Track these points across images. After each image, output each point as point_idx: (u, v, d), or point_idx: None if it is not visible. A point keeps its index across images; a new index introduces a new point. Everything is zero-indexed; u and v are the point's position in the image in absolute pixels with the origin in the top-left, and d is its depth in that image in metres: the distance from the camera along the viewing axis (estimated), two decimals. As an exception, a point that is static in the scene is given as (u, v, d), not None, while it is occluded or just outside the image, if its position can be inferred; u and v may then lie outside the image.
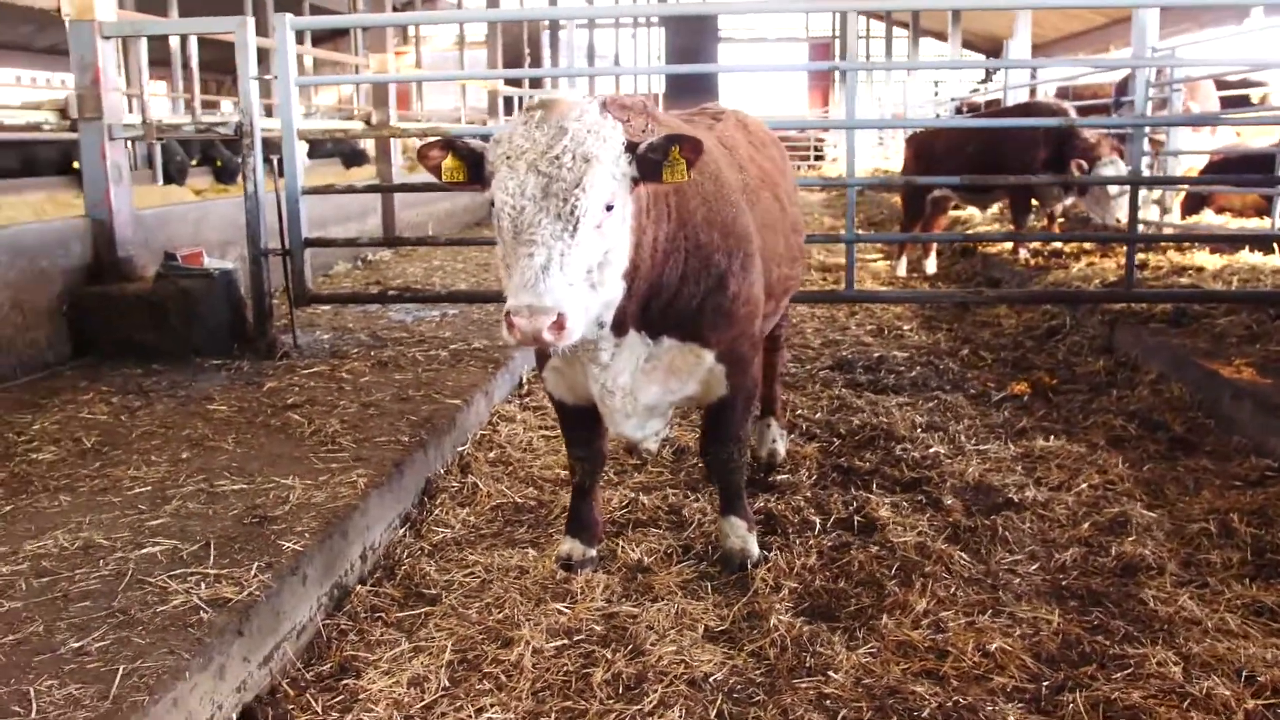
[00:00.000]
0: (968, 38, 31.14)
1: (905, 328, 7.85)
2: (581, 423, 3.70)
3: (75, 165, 9.81)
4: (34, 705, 2.40)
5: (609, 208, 2.86)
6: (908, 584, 3.54)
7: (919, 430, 5.17)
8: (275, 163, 5.82)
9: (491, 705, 2.90)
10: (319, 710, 2.91)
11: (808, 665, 3.08)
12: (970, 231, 11.01)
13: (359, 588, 3.55)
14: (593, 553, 3.77)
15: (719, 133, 3.95)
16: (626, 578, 3.65)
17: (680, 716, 2.82)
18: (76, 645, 2.66)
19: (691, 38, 37.36)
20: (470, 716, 2.86)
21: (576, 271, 2.78)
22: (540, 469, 4.74)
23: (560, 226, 2.75)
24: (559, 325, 2.69)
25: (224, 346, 5.84)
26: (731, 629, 3.32)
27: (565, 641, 3.21)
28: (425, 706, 2.91)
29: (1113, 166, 8.35)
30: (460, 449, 4.86)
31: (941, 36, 32.82)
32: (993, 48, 30.37)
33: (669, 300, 3.27)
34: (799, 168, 30.43)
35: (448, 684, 3.02)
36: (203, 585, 3.00)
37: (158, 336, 5.74)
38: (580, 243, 2.78)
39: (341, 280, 9.24)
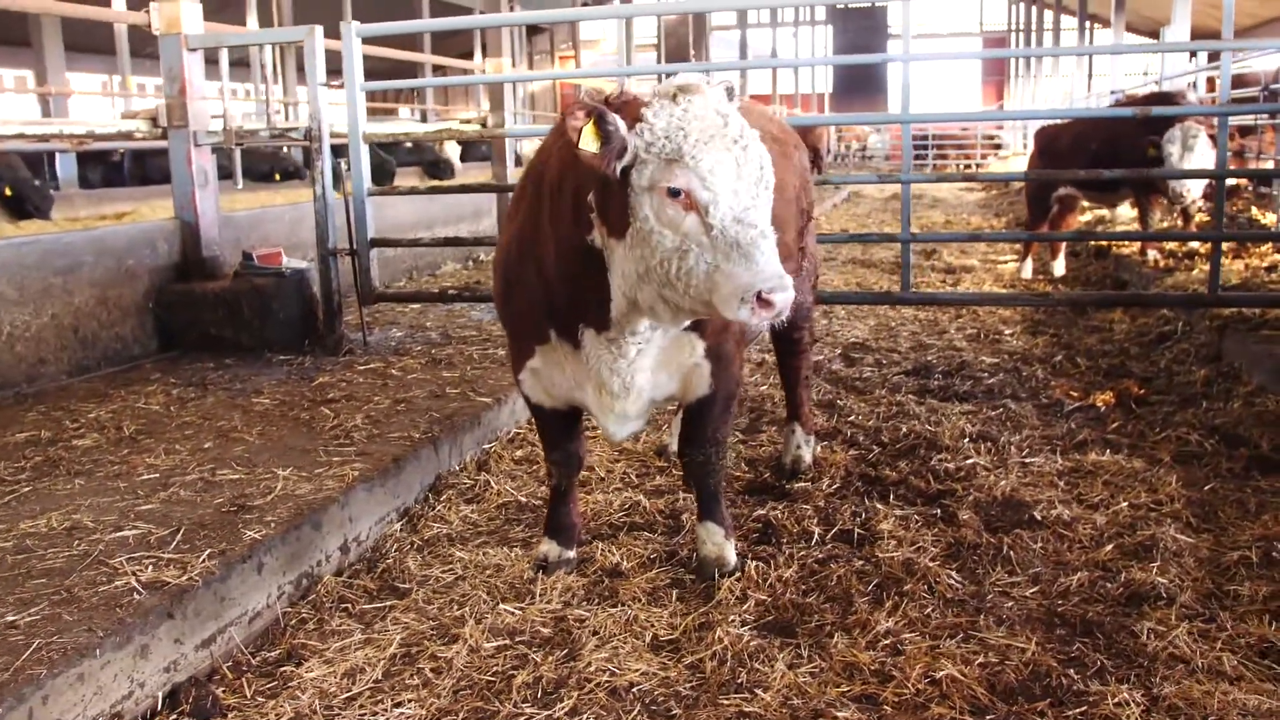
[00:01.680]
0: (1132, 21, 29.07)
1: (1006, 332, 7.42)
2: (559, 426, 3.65)
3: (8, 191, 10.47)
4: (-56, 672, 2.55)
5: None
6: (879, 602, 3.33)
7: (965, 440, 4.87)
8: (343, 165, 6.04)
9: (410, 701, 2.90)
10: (247, 694, 2.98)
11: (740, 681, 2.93)
12: (1085, 230, 10.30)
13: (330, 579, 3.62)
14: (570, 554, 3.72)
15: None
16: (594, 581, 3.59)
17: (585, 725, 2.74)
18: (12, 619, 2.82)
19: (860, 34, 36.62)
20: (386, 710, 2.87)
21: None
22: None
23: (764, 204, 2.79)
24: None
25: (296, 342, 6.10)
26: (680, 639, 3.20)
27: (506, 642, 3.18)
28: (349, 698, 2.94)
29: (1175, 144, 7.68)
30: (487, 446, 4.90)
31: (1131, 30, 30.86)
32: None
33: None
34: (967, 165, 29.28)
35: (380, 677, 3.04)
36: (150, 568, 3.13)
37: (234, 332, 6.05)
38: None
39: (445, 279, 9.52)
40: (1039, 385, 5.91)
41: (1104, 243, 9.59)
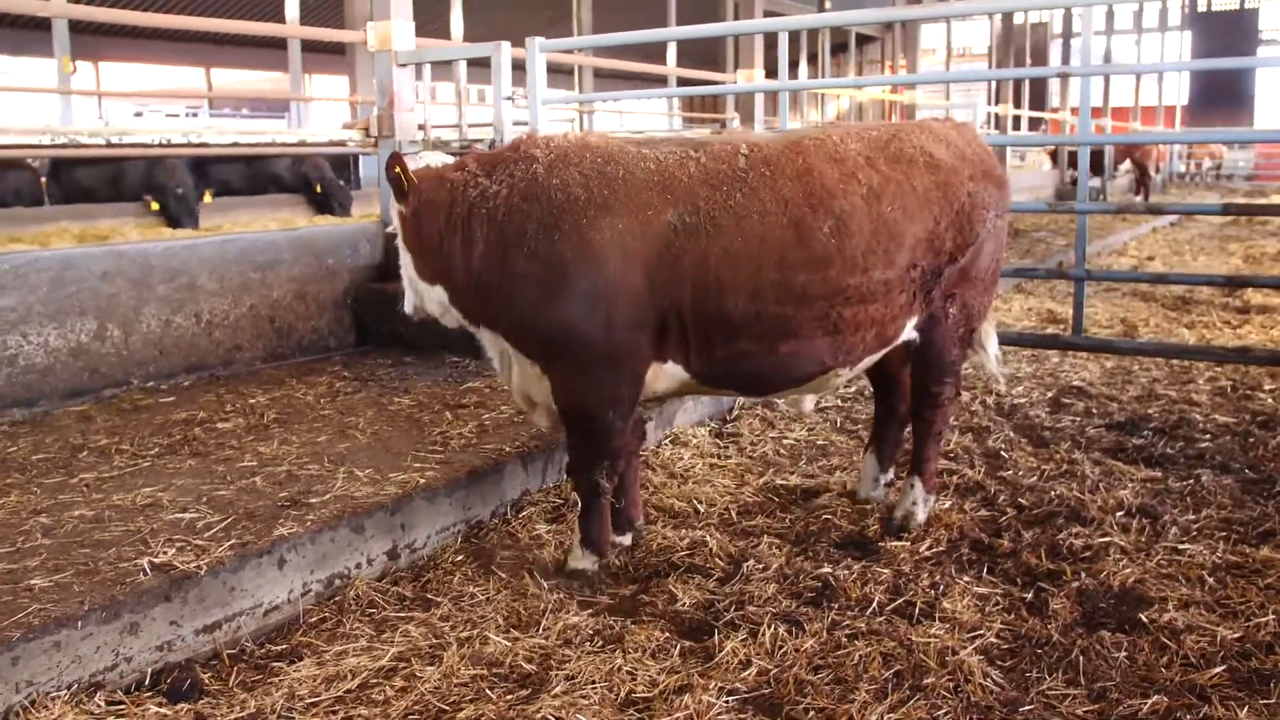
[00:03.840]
0: None
1: (1267, 387, 6.28)
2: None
3: (318, 188, 11.27)
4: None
5: None
6: (885, 694, 2.91)
7: (1118, 514, 4.17)
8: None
9: (358, 717, 2.91)
10: (230, 684, 3.11)
11: (681, 758, 2.67)
12: None
13: (366, 582, 3.70)
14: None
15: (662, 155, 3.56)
16: (606, 623, 3.41)
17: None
18: (34, 582, 3.12)
19: (1223, 41, 32.57)
20: (333, 722, 2.90)
21: None
22: (668, 496, 4.55)
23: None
24: None
25: (472, 345, 6.32)
26: (655, 698, 2.97)
27: (481, 672, 3.11)
28: (312, 703, 2.98)
29: None
30: (595, 466, 4.82)
31: None
32: None
33: None
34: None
35: (355, 687, 3.06)
36: (173, 551, 3.34)
37: (418, 332, 6.36)
38: None
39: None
40: (1266, 456, 4.94)
41: None
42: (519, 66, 6.18)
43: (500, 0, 23.95)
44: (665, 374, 3.64)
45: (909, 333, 3.88)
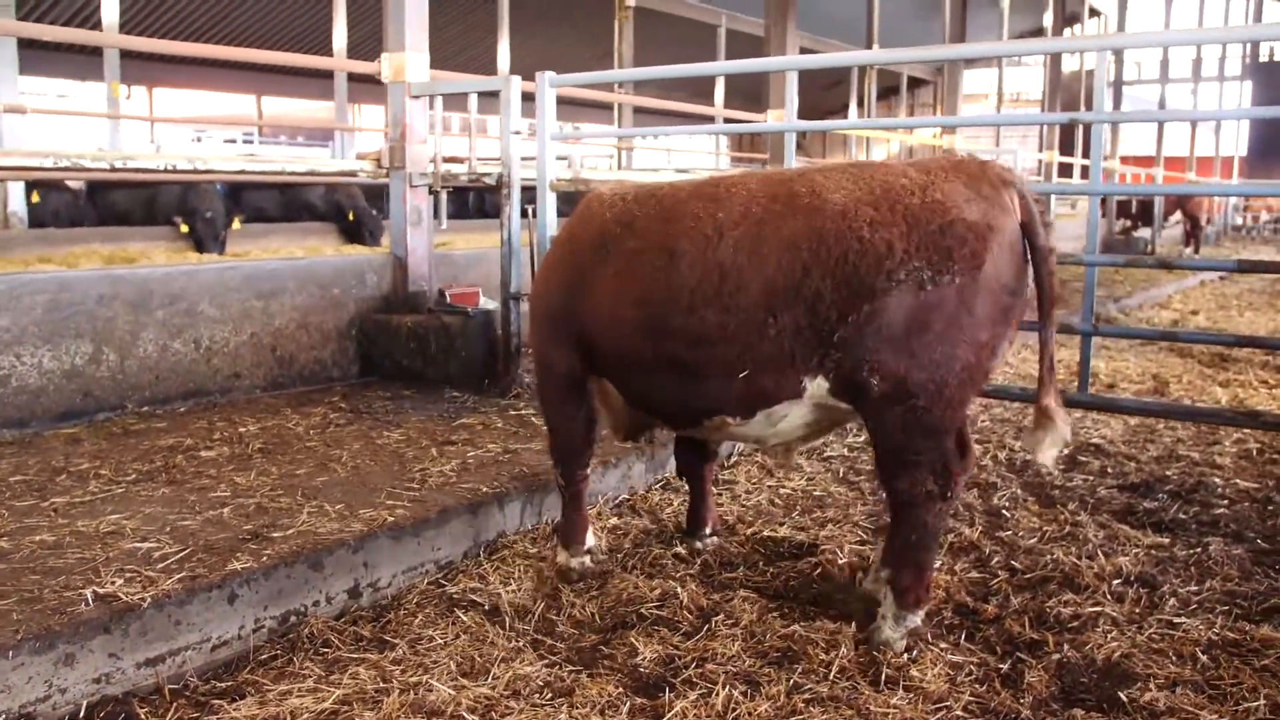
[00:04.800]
0: None
1: (1297, 452, 6.01)
2: None
3: (350, 216, 11.31)
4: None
5: None
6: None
7: (1114, 582, 3.96)
8: (530, 211, 6.15)
9: (280, 767, 2.82)
10: (165, 718, 3.03)
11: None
12: None
13: (322, 621, 3.61)
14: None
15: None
16: (560, 674, 3.29)
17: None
18: (-24, 609, 3.08)
19: (1284, 91, 31.90)
20: (254, 772, 2.80)
21: None
22: (651, 543, 4.42)
23: None
24: None
25: (476, 381, 6.29)
26: (591, 761, 2.85)
27: (420, 721, 3.00)
28: (241, 749, 2.90)
29: None
30: (581, 509, 4.71)
31: None
32: None
33: None
34: None
35: (287, 733, 2.98)
36: (118, 581, 3.29)
37: (422, 365, 6.36)
38: None
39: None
40: (1287, 525, 4.71)
41: None
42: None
43: (550, 33, 24.23)
44: (610, 393, 3.94)
45: (823, 396, 3.42)
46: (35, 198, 10.76)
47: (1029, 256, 3.32)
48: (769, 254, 3.32)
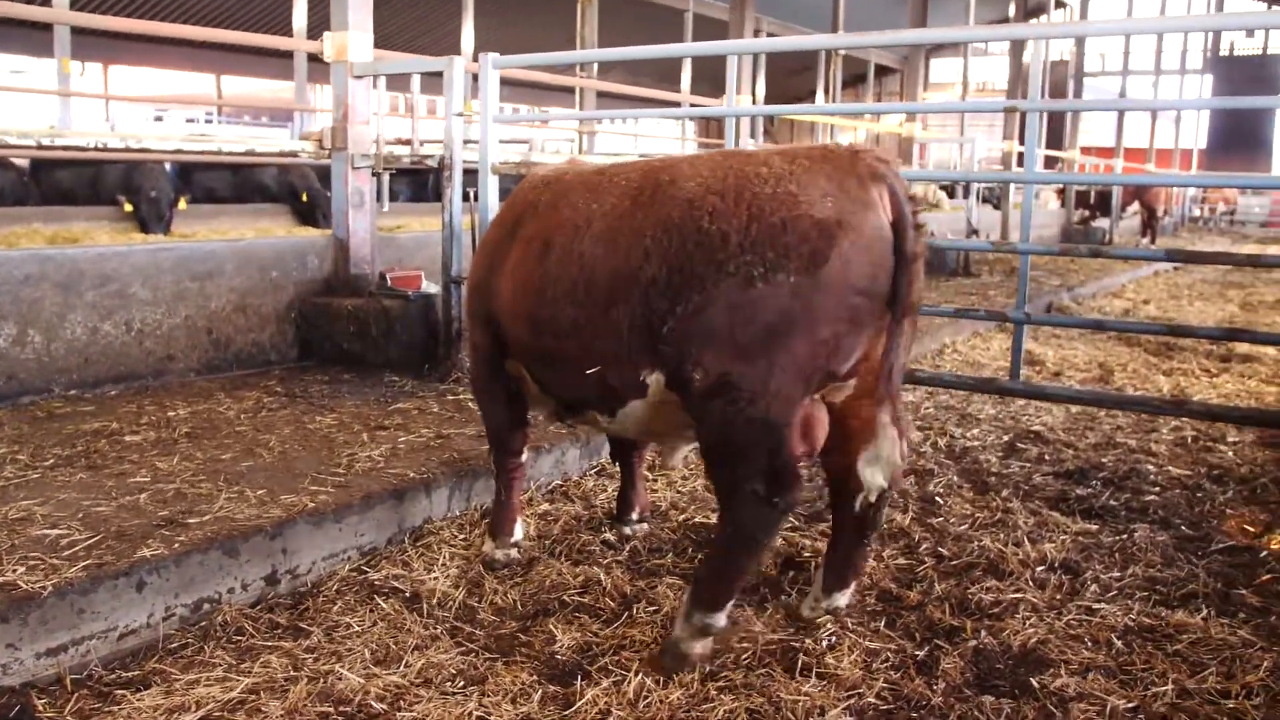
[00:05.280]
0: None
1: (1231, 439, 6.07)
2: None
3: (304, 197, 11.19)
4: None
5: None
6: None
7: (1038, 569, 3.98)
8: (473, 195, 6.08)
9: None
10: (64, 711, 2.96)
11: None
12: None
13: (237, 609, 3.54)
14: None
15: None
16: (475, 662, 3.26)
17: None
18: None
19: (1242, 86, 32.21)
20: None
21: None
22: (581, 530, 4.39)
23: None
24: None
25: (416, 365, 6.22)
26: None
27: (326, 710, 2.95)
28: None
29: None
30: (513, 495, 4.67)
31: None
32: None
33: None
34: None
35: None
36: (20, 570, 3.21)
37: (362, 348, 6.27)
38: None
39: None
40: (1211, 512, 4.75)
41: None
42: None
43: (516, 17, 24.02)
44: (526, 377, 3.84)
45: (663, 393, 3.28)
46: (-22, 175, 10.53)
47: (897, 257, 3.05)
48: (620, 245, 3.20)
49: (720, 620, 3.19)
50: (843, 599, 3.55)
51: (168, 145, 5.73)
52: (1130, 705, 2.99)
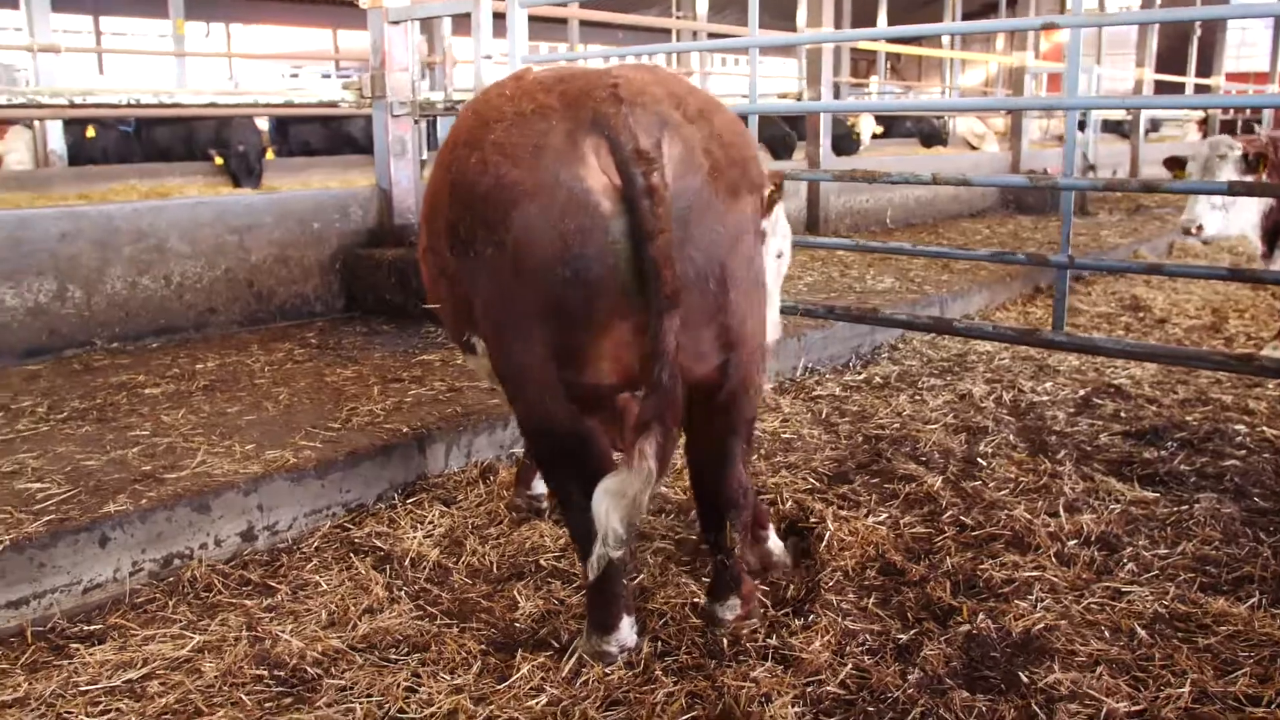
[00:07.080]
0: None
1: (1343, 398, 5.41)
2: None
3: None
4: None
5: None
6: (662, 743, 2.52)
7: (1068, 543, 3.59)
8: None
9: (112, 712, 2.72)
10: (16, 664, 2.96)
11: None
12: None
13: (205, 566, 3.49)
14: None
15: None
16: (427, 628, 3.12)
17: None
18: None
19: None
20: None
21: None
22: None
23: None
24: None
25: (457, 316, 6.10)
26: (420, 723, 2.67)
27: (261, 673, 2.87)
28: (78, 693, 2.80)
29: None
30: (515, 452, 4.51)
31: None
32: None
33: None
34: None
35: (134, 679, 2.88)
36: (-8, 524, 3.23)
37: (403, 298, 6.20)
38: None
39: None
40: (1300, 480, 4.22)
41: None
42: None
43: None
44: None
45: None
46: (91, 133, 10.93)
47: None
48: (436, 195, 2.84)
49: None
50: (726, 612, 3.02)
51: (200, 100, 5.75)
52: (1131, 709, 2.63)
